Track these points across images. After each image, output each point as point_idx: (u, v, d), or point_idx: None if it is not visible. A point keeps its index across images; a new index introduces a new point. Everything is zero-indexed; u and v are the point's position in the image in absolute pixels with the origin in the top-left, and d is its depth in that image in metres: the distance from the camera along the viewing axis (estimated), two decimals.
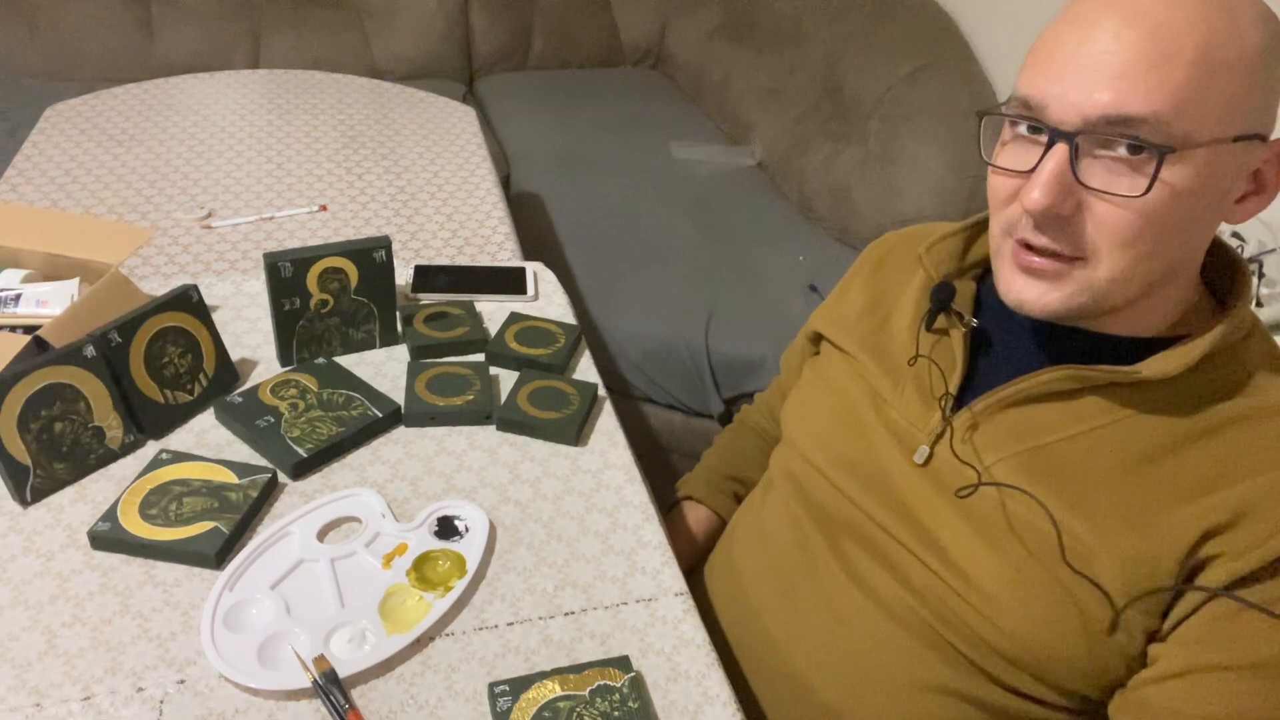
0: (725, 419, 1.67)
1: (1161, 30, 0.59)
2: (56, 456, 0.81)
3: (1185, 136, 0.59)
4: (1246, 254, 1.29)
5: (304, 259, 0.93)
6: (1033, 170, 0.63)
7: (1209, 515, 0.63)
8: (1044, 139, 0.63)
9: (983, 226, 0.82)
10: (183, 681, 0.68)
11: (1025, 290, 0.67)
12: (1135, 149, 0.60)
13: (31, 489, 0.80)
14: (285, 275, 0.93)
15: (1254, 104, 0.61)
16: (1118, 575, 0.64)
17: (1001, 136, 0.68)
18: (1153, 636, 0.66)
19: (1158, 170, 0.59)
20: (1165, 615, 0.65)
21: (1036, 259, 0.65)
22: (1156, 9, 0.59)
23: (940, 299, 0.77)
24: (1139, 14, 0.59)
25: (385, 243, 0.97)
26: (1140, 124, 0.59)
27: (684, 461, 1.75)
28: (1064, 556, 0.66)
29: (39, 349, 0.84)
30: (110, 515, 0.77)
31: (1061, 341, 0.72)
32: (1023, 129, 0.65)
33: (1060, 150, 0.61)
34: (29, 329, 0.89)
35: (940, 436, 0.74)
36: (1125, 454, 0.67)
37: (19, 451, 0.78)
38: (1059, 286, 0.65)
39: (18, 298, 0.93)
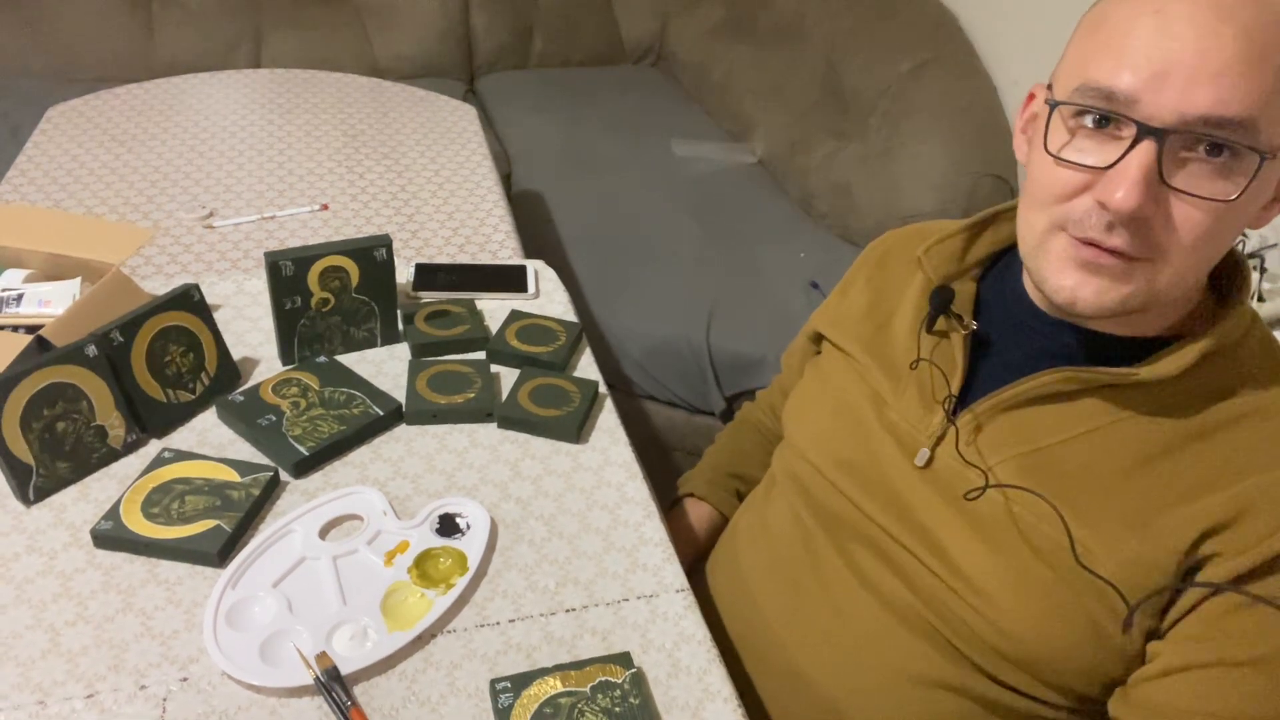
0: (727, 416, 1.68)
1: (1254, 31, 0.56)
2: (59, 455, 0.81)
3: (1271, 143, 0.57)
4: (1247, 249, 1.29)
5: (305, 258, 0.94)
6: (1110, 167, 0.60)
7: (1208, 515, 0.63)
8: (1124, 134, 0.60)
9: (983, 226, 0.81)
10: (186, 679, 0.68)
11: (1081, 287, 0.63)
12: (1222, 151, 0.57)
13: (34, 488, 0.80)
14: (286, 274, 0.93)
15: None
16: (1118, 577, 0.64)
17: (1064, 125, 0.64)
18: (1152, 635, 0.66)
19: (1255, 175, 0.57)
20: (1164, 613, 0.65)
21: (1103, 255, 0.62)
22: (1245, 8, 0.57)
23: (939, 303, 0.77)
24: (1227, 11, 0.57)
25: (386, 241, 0.97)
26: (1237, 127, 0.56)
27: (686, 459, 1.76)
28: (1077, 558, 0.65)
29: (41, 348, 0.84)
30: (113, 514, 0.78)
31: (1060, 343, 0.72)
32: (1089, 121, 0.61)
33: (1148, 148, 0.58)
34: (31, 329, 0.89)
35: (941, 439, 0.74)
36: (1124, 455, 0.67)
37: (21, 451, 0.78)
38: (1120, 285, 0.62)
39: (20, 297, 0.94)
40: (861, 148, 1.98)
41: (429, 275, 1.13)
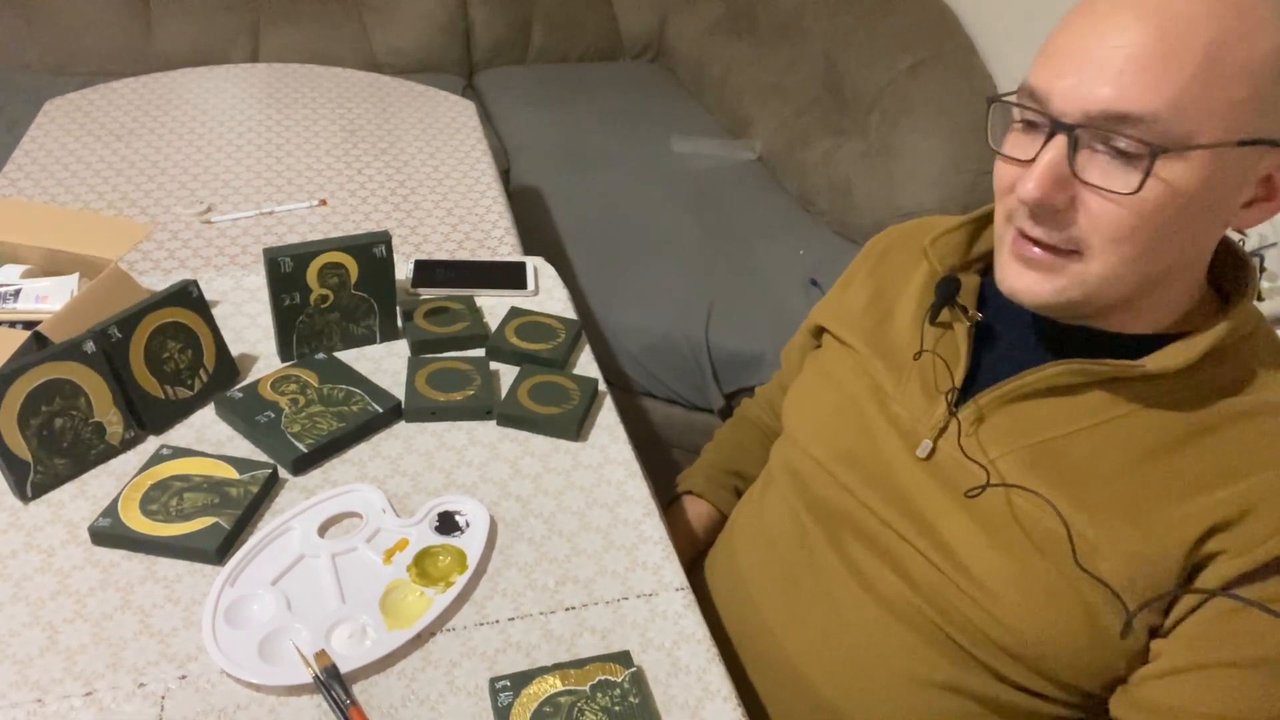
0: (726, 413, 1.67)
1: (1170, 28, 0.58)
2: (57, 452, 0.81)
3: (1184, 137, 0.58)
4: (1247, 248, 1.28)
5: (304, 254, 0.93)
6: (1032, 160, 0.63)
7: (1213, 511, 0.63)
8: (1045, 130, 0.62)
9: (988, 220, 0.82)
10: (184, 677, 0.68)
11: (1018, 279, 0.67)
12: (1130, 146, 0.59)
13: (32, 485, 0.80)
14: (285, 270, 0.93)
15: (1267, 109, 0.59)
16: (1121, 571, 0.64)
17: (1012, 125, 0.68)
18: (1155, 633, 0.66)
19: (1150, 168, 0.59)
20: (1168, 612, 0.65)
21: (1033, 249, 0.65)
22: (1169, 5, 0.58)
23: (945, 293, 0.77)
24: (1149, 9, 0.59)
25: (385, 238, 0.97)
26: (1138, 122, 0.58)
27: (685, 456, 1.75)
28: (1075, 558, 0.65)
29: (39, 344, 0.83)
30: (111, 511, 0.77)
31: (1066, 336, 0.72)
32: (1025, 118, 0.65)
33: (1059, 142, 0.61)
34: (29, 324, 0.89)
35: (943, 431, 0.74)
36: (1129, 449, 0.67)
37: (19, 447, 0.78)
38: (1051, 279, 0.65)
39: (17, 293, 0.93)
40: (861, 144, 1.98)
41: (428, 272, 1.13)
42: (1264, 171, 0.62)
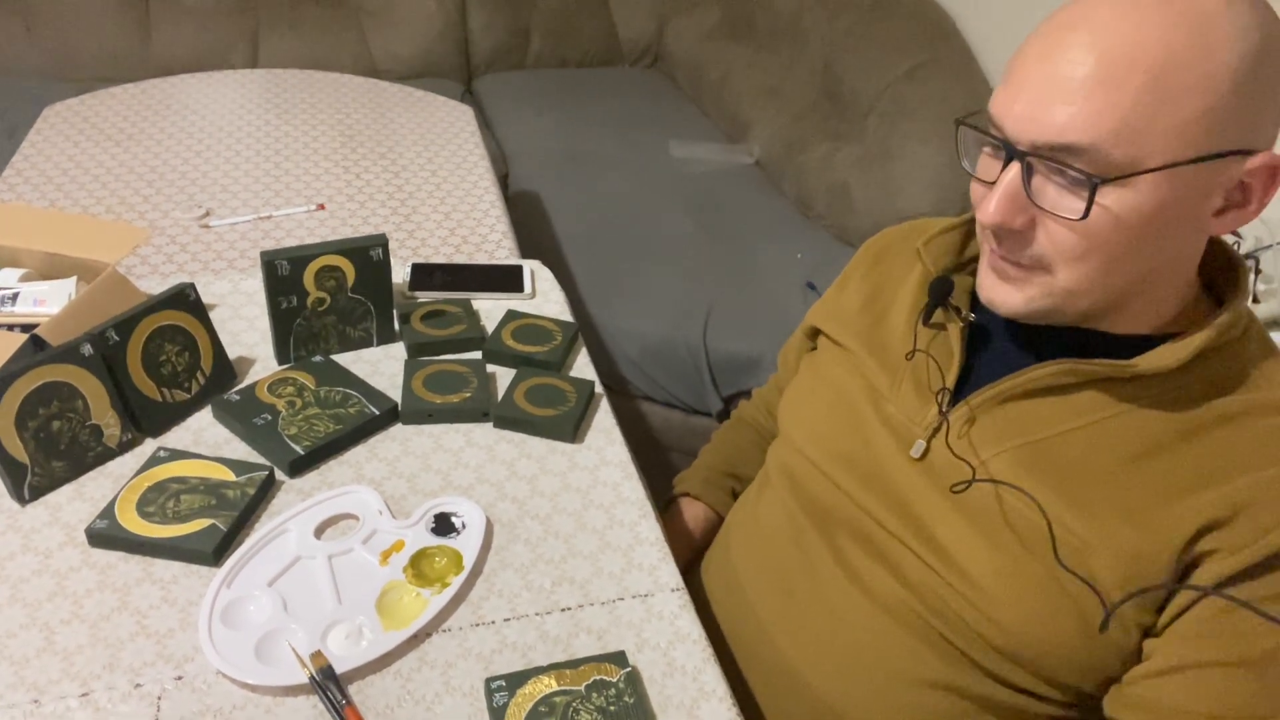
0: (724, 416, 1.67)
1: (1113, 56, 0.58)
2: (54, 454, 0.81)
3: (1129, 163, 0.59)
4: (1243, 250, 1.29)
5: (301, 257, 0.94)
6: (993, 184, 0.64)
7: (1205, 511, 0.63)
8: (1000, 155, 0.65)
9: None
10: (180, 678, 0.68)
11: (993, 290, 0.69)
12: (1073, 175, 0.60)
13: (29, 487, 0.80)
14: (282, 273, 0.93)
15: (1226, 121, 0.58)
16: (1114, 570, 0.64)
17: (976, 144, 0.69)
18: (1148, 632, 0.66)
19: (1091, 198, 0.60)
20: (1160, 610, 0.65)
21: (1002, 262, 0.67)
22: (1118, 30, 0.58)
23: (938, 293, 0.77)
24: (1098, 38, 0.58)
25: (382, 241, 0.97)
26: (1080, 153, 0.59)
27: (682, 459, 1.75)
28: (1056, 554, 0.66)
29: (37, 347, 0.84)
30: (108, 513, 0.77)
31: (1058, 337, 0.72)
32: (985, 142, 0.67)
33: (1014, 168, 0.63)
34: (27, 327, 0.89)
35: (937, 431, 0.74)
36: (1122, 449, 0.67)
37: (16, 450, 0.78)
38: (1021, 289, 0.67)
39: (15, 296, 0.93)
40: (859, 149, 1.98)
41: (425, 275, 1.13)
42: (1235, 180, 0.61)
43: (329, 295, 0.97)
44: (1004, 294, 0.69)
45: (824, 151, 2.06)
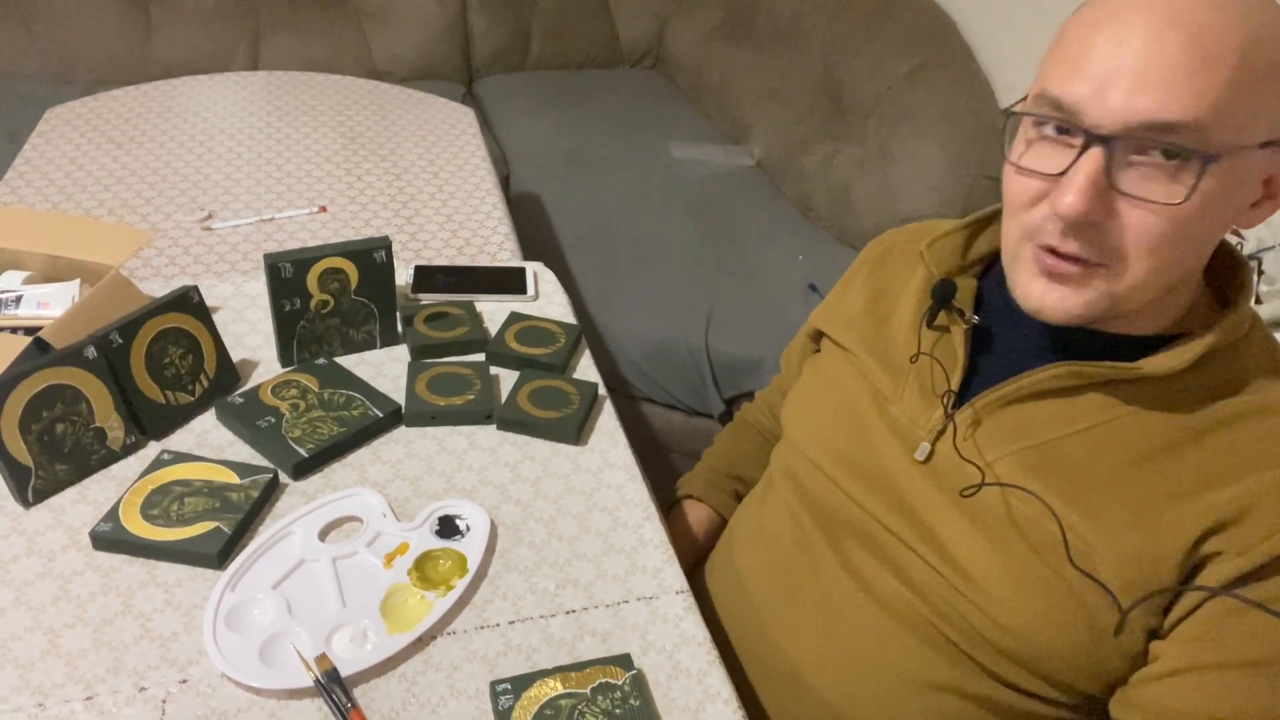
0: (725, 418, 1.68)
1: (1205, 33, 0.57)
2: (58, 457, 0.81)
3: (1223, 144, 0.58)
4: (1246, 251, 1.29)
5: (304, 260, 0.94)
6: (1063, 174, 0.61)
7: (1210, 513, 0.63)
8: (1076, 141, 0.61)
9: (985, 223, 0.82)
10: (185, 681, 0.68)
11: (1046, 295, 0.65)
12: (1172, 155, 0.58)
13: (33, 490, 0.80)
14: (286, 276, 0.93)
15: (1278, 109, 0.59)
16: (1119, 573, 0.64)
17: (1025, 135, 0.66)
18: (1154, 634, 0.66)
19: (1200, 179, 0.58)
20: (1166, 613, 0.65)
21: (1062, 263, 0.64)
22: (1197, 11, 0.57)
23: (941, 296, 0.77)
24: (1179, 15, 0.57)
25: (385, 243, 0.97)
26: (1181, 130, 0.57)
27: (684, 461, 1.76)
28: (1070, 557, 0.66)
29: (40, 350, 0.84)
30: (112, 516, 0.77)
31: (1063, 338, 0.72)
32: (1049, 130, 0.63)
33: (1095, 154, 0.59)
34: (30, 330, 0.89)
35: (941, 433, 0.74)
36: (1126, 451, 0.67)
37: (20, 453, 0.78)
38: (1081, 291, 0.64)
39: (19, 299, 0.93)
40: (859, 150, 1.98)
41: (428, 277, 1.13)
42: (1270, 171, 0.62)
43: (332, 298, 0.97)
44: (1058, 298, 0.65)
45: (825, 153, 2.06)
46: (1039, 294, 0.66)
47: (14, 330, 0.91)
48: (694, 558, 1.00)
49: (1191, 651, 0.64)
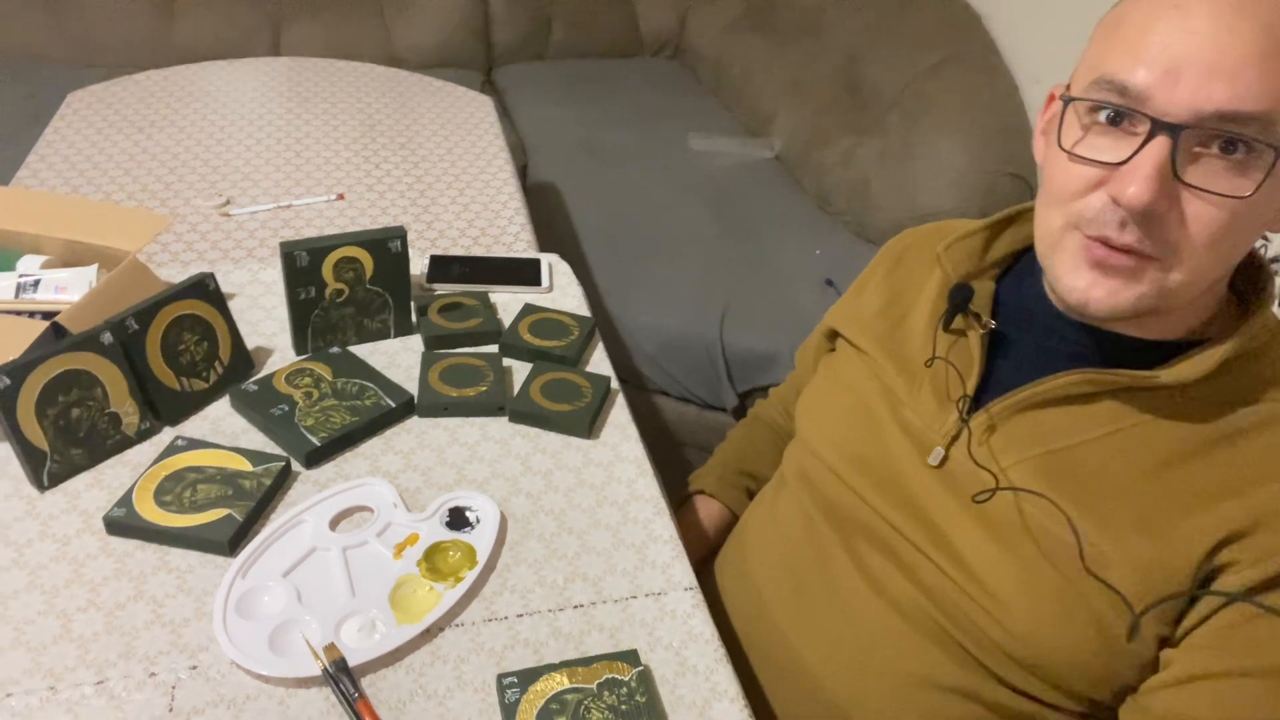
0: (739, 413, 1.67)
1: (1275, 25, 0.56)
2: (73, 442, 0.82)
3: None
4: (1270, 255, 1.27)
5: (320, 248, 0.94)
6: (1124, 163, 0.59)
7: (1225, 522, 0.62)
8: (1139, 130, 0.59)
9: (1004, 225, 0.81)
10: (195, 667, 0.68)
11: (1094, 287, 0.63)
12: (1233, 147, 0.57)
13: (48, 474, 0.80)
14: (301, 264, 0.93)
15: None
16: (1132, 581, 0.64)
17: (1078, 121, 0.64)
18: (1165, 642, 0.65)
19: (1268, 173, 0.57)
20: (1178, 621, 0.65)
21: (1115, 255, 0.62)
22: (1264, 2, 0.56)
23: (958, 300, 0.76)
24: (1246, 6, 0.56)
25: (400, 233, 0.97)
26: (1251, 122, 0.56)
27: (697, 455, 1.75)
28: (1084, 563, 0.65)
29: (57, 335, 0.84)
30: (125, 501, 0.78)
31: (1079, 344, 0.71)
32: (1103, 117, 0.61)
33: (1162, 143, 0.58)
34: (47, 315, 0.89)
35: (955, 438, 0.74)
36: (1142, 460, 0.66)
37: (36, 436, 0.79)
38: (1132, 285, 0.62)
39: (37, 283, 0.94)
40: (880, 144, 1.96)
41: (443, 267, 1.13)
42: None
43: (347, 287, 0.97)
44: (1107, 291, 0.63)
45: (845, 147, 2.04)
46: (1084, 286, 0.64)
47: (31, 314, 0.91)
48: (704, 553, 1.00)
49: (1204, 658, 0.63)
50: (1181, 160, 0.58)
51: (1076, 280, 0.64)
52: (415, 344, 1.02)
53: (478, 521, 0.81)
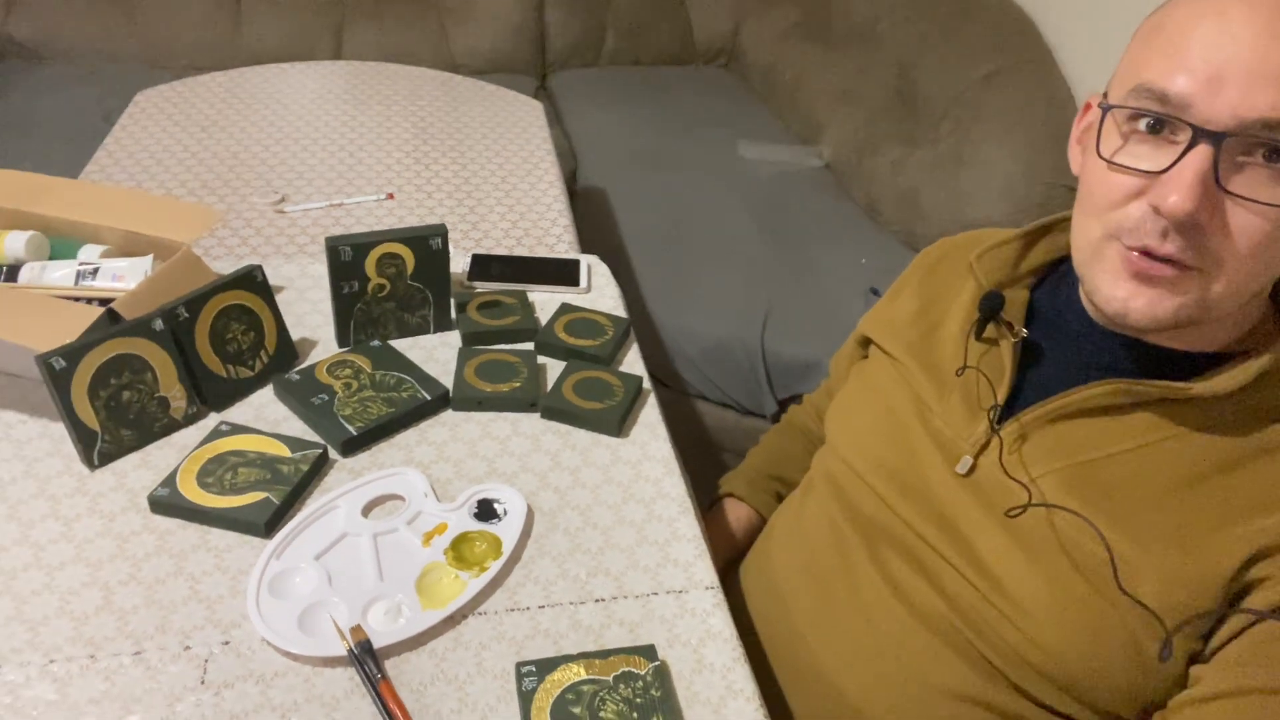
0: (778, 419, 1.66)
1: None
2: (123, 423, 0.85)
3: None
4: None
5: (363, 244, 0.96)
6: (1164, 171, 0.59)
7: (1257, 538, 0.61)
8: (1180, 138, 0.59)
9: (1039, 234, 0.80)
10: (227, 643, 0.71)
11: (1134, 298, 0.63)
12: (1278, 155, 0.56)
13: (99, 453, 0.84)
14: (345, 259, 0.96)
15: None
16: (1161, 596, 0.63)
17: (1118, 129, 0.63)
18: (1194, 658, 0.64)
19: None
20: (1208, 637, 0.63)
21: (1156, 265, 0.61)
22: None
23: (988, 309, 0.76)
24: None
25: (441, 230, 0.99)
26: None
27: (735, 460, 1.74)
28: (1118, 582, 0.64)
29: (112, 321, 0.88)
30: (170, 481, 0.81)
31: (1113, 355, 0.70)
32: (1142, 125, 0.61)
33: (1204, 152, 0.57)
34: (104, 301, 0.93)
35: (984, 448, 0.73)
36: (1174, 473, 0.65)
37: (89, 417, 0.82)
38: (1173, 295, 0.61)
39: (96, 271, 0.98)
40: (931, 154, 1.95)
41: (484, 266, 1.15)
42: None
43: (389, 282, 0.99)
44: (1147, 302, 0.62)
45: (896, 156, 2.03)
46: (1124, 296, 0.63)
47: (90, 300, 0.95)
48: (732, 556, 1.00)
49: (1235, 675, 0.62)
50: (1224, 169, 0.57)
51: (1116, 290, 0.64)
52: (453, 339, 1.04)
53: (505, 514, 0.83)
